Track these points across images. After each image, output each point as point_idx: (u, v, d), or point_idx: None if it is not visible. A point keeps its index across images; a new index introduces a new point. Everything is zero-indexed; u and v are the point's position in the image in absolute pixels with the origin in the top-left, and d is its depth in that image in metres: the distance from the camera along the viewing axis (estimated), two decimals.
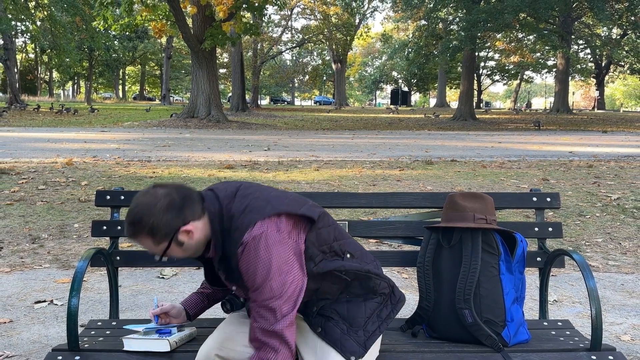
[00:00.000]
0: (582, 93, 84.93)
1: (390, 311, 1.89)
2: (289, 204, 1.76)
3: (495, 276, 2.03)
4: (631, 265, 4.45)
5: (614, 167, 10.18)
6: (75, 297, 1.92)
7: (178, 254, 1.76)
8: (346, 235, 1.90)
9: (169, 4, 22.35)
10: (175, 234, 1.70)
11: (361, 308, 1.83)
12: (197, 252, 1.79)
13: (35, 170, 8.57)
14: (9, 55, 36.58)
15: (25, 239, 4.97)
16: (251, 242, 1.65)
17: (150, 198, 1.71)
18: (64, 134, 17.77)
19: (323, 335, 1.79)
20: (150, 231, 1.69)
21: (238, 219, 1.71)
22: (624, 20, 32.90)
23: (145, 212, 1.68)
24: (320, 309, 1.83)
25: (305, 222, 1.77)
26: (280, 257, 1.66)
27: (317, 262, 1.77)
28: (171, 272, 4.16)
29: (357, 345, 1.76)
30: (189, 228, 1.71)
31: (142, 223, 1.68)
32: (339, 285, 1.83)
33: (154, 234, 1.69)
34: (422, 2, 30.87)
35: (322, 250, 1.79)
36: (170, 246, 1.72)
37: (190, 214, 1.72)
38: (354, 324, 1.80)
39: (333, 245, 1.82)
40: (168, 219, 1.69)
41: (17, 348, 2.90)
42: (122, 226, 2.41)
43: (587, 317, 3.34)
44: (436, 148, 14.54)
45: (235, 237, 1.69)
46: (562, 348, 2.02)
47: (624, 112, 57.12)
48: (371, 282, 1.87)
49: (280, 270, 1.66)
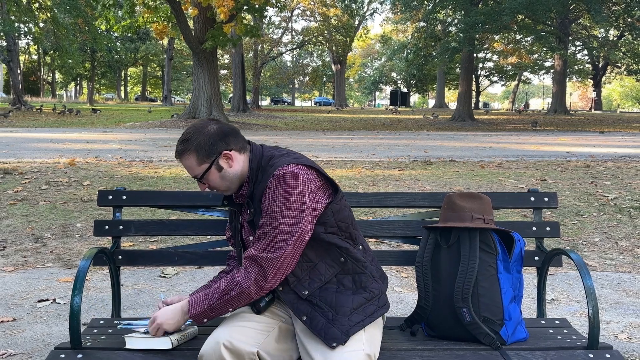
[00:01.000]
0: (580, 94, 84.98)
1: (374, 311, 1.91)
2: (321, 169, 1.93)
3: (493, 275, 2.04)
4: (628, 264, 4.45)
5: (611, 167, 10.18)
6: (77, 295, 1.92)
7: (215, 181, 1.91)
8: (360, 232, 2.03)
9: (171, 5, 22.35)
10: (217, 157, 1.89)
11: (349, 299, 1.88)
12: (232, 184, 1.93)
13: (38, 170, 8.58)
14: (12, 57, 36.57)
15: (28, 238, 4.97)
16: (282, 175, 1.80)
17: (202, 123, 1.94)
18: (67, 134, 17.77)
19: (308, 324, 1.84)
20: (196, 149, 1.87)
21: (276, 159, 1.89)
22: (621, 22, 32.90)
23: (195, 132, 1.89)
24: (309, 295, 1.87)
25: (331, 190, 1.92)
26: (303, 198, 1.80)
27: (327, 231, 1.88)
28: (173, 272, 4.16)
29: (339, 333, 1.80)
30: (230, 154, 1.89)
31: (191, 141, 1.88)
32: (334, 269, 1.90)
33: (199, 152, 1.87)
34: (421, 4, 30.88)
35: (339, 225, 1.91)
36: (210, 169, 1.89)
37: (234, 143, 1.92)
38: (340, 312, 1.84)
39: (350, 228, 1.94)
40: (214, 141, 1.88)
41: (20, 346, 2.90)
42: (124, 226, 2.41)
43: (585, 315, 3.34)
44: (435, 148, 14.54)
45: (269, 172, 1.86)
46: (560, 346, 2.02)
47: (620, 113, 57.12)
48: (365, 279, 1.92)
49: (296, 210, 1.79)
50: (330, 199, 1.89)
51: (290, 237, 1.80)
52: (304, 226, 1.81)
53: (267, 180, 1.84)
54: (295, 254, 1.83)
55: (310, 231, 1.84)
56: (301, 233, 1.81)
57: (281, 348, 1.89)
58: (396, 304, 3.54)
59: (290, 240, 1.80)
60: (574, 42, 42.16)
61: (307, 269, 1.88)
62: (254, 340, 1.83)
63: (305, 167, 1.86)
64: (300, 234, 1.81)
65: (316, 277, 1.89)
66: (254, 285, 1.82)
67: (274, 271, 1.81)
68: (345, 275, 1.91)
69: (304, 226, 1.81)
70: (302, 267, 1.87)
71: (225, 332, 1.82)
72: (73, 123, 24.37)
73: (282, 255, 1.80)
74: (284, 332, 1.93)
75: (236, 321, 1.89)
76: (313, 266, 1.89)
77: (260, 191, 1.87)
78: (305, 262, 1.88)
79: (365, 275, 1.93)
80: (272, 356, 1.85)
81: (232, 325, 1.86)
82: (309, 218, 1.82)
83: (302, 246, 1.83)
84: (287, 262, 1.82)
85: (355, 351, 1.77)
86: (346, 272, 1.91)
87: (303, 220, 1.80)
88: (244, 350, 1.79)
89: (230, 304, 1.85)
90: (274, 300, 1.96)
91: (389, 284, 3.89)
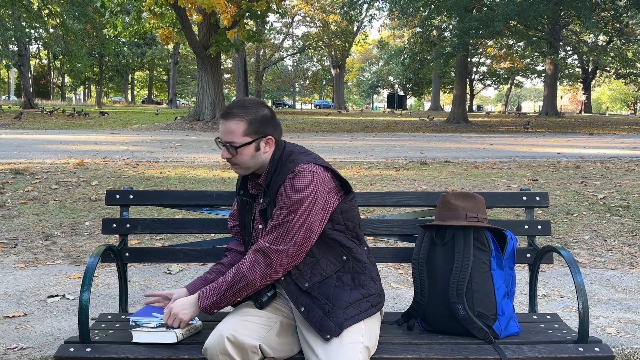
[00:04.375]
0: (570, 97, 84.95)
1: (369, 308, 1.92)
2: (336, 171, 1.97)
3: (487, 272, 2.03)
4: (616, 261, 4.45)
5: (600, 167, 10.18)
6: (86, 291, 1.92)
7: (246, 157, 1.92)
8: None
9: (176, 12, 22.34)
10: (261, 138, 1.92)
11: (346, 294, 1.90)
12: (255, 167, 1.96)
13: (48, 170, 8.58)
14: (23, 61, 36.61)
15: (39, 236, 4.97)
16: (302, 172, 1.84)
17: (262, 102, 2.00)
18: (76, 136, 17.76)
19: (305, 315, 1.86)
20: (250, 120, 1.90)
21: (296, 156, 1.93)
22: (610, 28, 32.92)
23: (255, 106, 1.93)
24: (309, 287, 1.88)
25: (342, 191, 1.95)
26: (317, 197, 1.84)
27: (334, 227, 1.90)
28: (178, 268, 4.16)
29: (334, 325, 1.81)
30: (271, 140, 1.94)
31: (249, 110, 1.91)
32: (335, 266, 1.92)
33: (251, 124, 1.90)
34: (417, 10, 30.83)
35: (347, 224, 1.94)
36: (250, 144, 1.90)
37: (277, 132, 1.98)
38: (336, 304, 1.86)
39: (357, 228, 1.98)
40: (267, 122, 1.93)
41: (31, 340, 2.90)
42: (131, 224, 2.41)
43: (575, 310, 3.34)
44: (431, 149, 14.54)
45: (288, 167, 1.90)
46: (551, 340, 2.02)
47: (609, 115, 57.13)
48: (363, 279, 1.94)
49: (309, 207, 1.83)
50: (340, 200, 1.93)
51: (300, 231, 1.83)
52: (314, 223, 1.85)
53: (285, 174, 1.88)
54: (303, 248, 1.86)
55: (319, 229, 1.87)
56: (311, 229, 1.84)
57: (282, 342, 1.90)
58: (393, 299, 3.54)
59: (299, 234, 1.83)
60: (564, 47, 42.18)
61: (309, 263, 1.90)
62: (257, 334, 1.83)
63: (323, 168, 1.90)
64: (310, 230, 1.84)
65: (317, 271, 1.90)
66: (260, 276, 1.85)
67: (281, 263, 1.84)
68: (345, 273, 1.93)
69: (315, 223, 1.85)
70: (305, 262, 1.90)
71: (228, 326, 1.83)
72: (82, 125, 24.36)
73: (290, 247, 1.83)
74: (286, 326, 1.93)
75: (239, 316, 1.89)
76: (316, 261, 1.91)
77: (277, 183, 1.90)
78: (309, 257, 1.90)
79: (365, 275, 1.95)
80: (273, 349, 1.85)
81: (235, 320, 1.87)
82: (320, 217, 1.86)
83: (310, 242, 1.86)
84: (294, 255, 1.85)
85: (354, 343, 1.78)
86: (346, 270, 1.93)
87: (314, 217, 1.84)
88: (246, 344, 1.79)
89: (238, 294, 1.88)
90: (276, 295, 1.96)
91: (387, 280, 3.90)
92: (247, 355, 1.80)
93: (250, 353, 1.80)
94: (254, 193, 2.02)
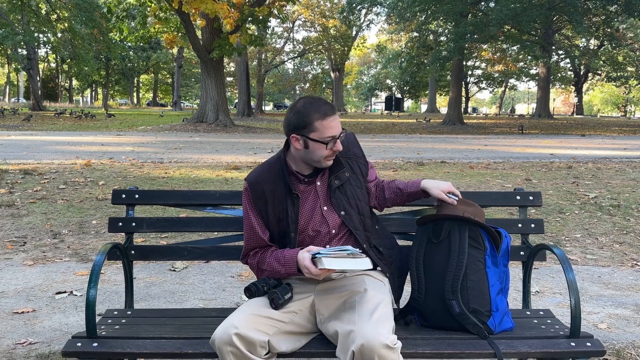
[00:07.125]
0: (562, 99, 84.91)
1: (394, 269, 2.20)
2: None
3: (482, 269, 2.03)
4: (607, 258, 4.45)
5: (592, 168, 10.18)
6: (93, 288, 1.92)
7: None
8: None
9: (180, 17, 22.33)
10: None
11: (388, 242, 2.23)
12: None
13: (56, 170, 8.58)
14: (32, 65, 36.59)
15: (47, 234, 4.97)
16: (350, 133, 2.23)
17: None
18: (83, 137, 17.76)
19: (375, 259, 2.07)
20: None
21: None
22: (601, 32, 32.90)
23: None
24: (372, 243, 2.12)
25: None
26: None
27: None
28: (182, 265, 4.16)
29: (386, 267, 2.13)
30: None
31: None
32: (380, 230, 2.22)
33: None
34: (414, 15, 30.80)
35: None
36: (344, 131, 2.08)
37: None
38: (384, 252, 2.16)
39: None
40: None
41: (40, 335, 2.90)
42: (136, 223, 2.41)
43: (567, 306, 3.34)
44: (427, 150, 14.53)
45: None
46: (544, 335, 2.02)
47: (601, 117, 57.10)
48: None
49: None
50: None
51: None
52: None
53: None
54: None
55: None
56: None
57: (291, 339, 1.88)
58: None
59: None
60: (557, 51, 42.12)
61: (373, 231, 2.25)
62: (266, 330, 1.81)
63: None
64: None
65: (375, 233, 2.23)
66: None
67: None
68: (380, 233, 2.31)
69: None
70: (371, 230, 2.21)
71: (238, 319, 1.80)
72: (89, 127, 24.36)
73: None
74: (296, 325, 1.92)
75: (251, 310, 1.87)
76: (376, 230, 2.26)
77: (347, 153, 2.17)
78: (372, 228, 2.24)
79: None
80: (280, 344, 1.83)
81: (246, 314, 1.84)
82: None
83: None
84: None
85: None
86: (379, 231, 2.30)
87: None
88: (255, 338, 1.77)
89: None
90: (292, 298, 1.95)
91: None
92: (255, 349, 1.77)
93: (259, 347, 1.78)
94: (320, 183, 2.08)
